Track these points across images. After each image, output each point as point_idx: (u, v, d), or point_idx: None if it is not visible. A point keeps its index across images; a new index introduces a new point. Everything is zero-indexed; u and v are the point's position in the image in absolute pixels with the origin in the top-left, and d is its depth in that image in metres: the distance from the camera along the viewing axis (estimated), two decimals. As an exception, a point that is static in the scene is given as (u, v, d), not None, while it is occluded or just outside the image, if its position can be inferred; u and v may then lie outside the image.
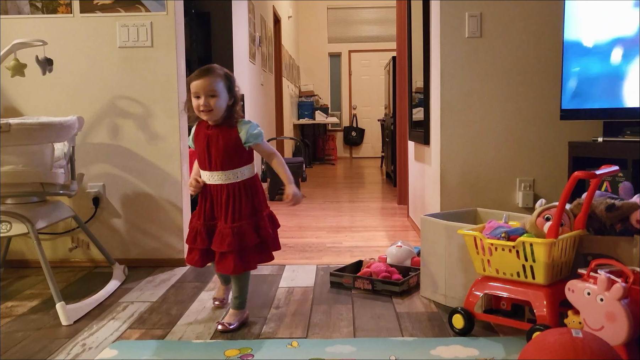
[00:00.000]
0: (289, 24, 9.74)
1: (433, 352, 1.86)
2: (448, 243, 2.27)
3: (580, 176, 1.80)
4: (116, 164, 3.03)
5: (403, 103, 4.62)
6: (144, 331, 2.12)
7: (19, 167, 2.33)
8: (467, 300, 2.03)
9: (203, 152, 2.10)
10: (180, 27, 3.09)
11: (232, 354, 1.87)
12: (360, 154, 11.55)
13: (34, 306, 2.42)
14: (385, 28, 11.11)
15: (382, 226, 4.14)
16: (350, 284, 2.57)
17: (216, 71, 2.07)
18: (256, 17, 6.00)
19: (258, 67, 6.09)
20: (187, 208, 3.14)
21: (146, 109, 3.01)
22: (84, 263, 3.08)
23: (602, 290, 1.62)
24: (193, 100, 2.06)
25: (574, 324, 1.77)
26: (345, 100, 11.59)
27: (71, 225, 3.02)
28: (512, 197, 2.94)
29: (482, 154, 2.92)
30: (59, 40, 2.97)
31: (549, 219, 1.87)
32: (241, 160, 2.10)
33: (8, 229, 2.32)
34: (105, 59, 3.00)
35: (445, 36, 2.89)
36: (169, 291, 2.61)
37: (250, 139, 2.08)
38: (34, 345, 2.00)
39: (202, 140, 2.11)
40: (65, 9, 2.99)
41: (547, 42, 2.86)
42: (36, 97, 3.02)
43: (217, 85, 2.04)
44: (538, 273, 1.86)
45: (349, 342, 1.96)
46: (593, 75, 2.49)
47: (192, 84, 2.05)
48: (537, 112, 2.90)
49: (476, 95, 2.91)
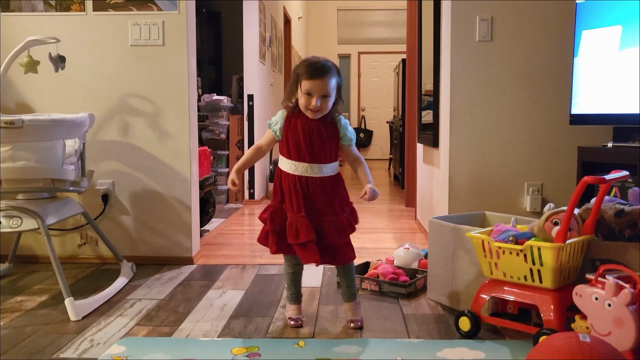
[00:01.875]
0: (299, 24, 9.76)
1: (439, 354, 1.86)
2: (456, 246, 2.28)
3: (589, 181, 1.80)
4: (126, 161, 3.05)
5: (412, 105, 4.61)
6: (152, 328, 2.13)
7: (30, 163, 2.35)
8: (473, 303, 2.03)
9: (303, 143, 2.05)
10: (191, 26, 3.11)
11: (239, 352, 1.88)
12: (368, 156, 11.54)
13: (43, 301, 2.44)
14: (395, 30, 11.10)
15: (389, 228, 4.14)
16: (357, 285, 2.58)
17: (332, 70, 2.02)
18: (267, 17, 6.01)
19: (268, 67, 6.10)
20: (195, 206, 3.16)
21: (156, 107, 3.03)
22: (93, 259, 3.10)
23: (610, 295, 1.62)
24: (303, 97, 2.00)
25: (581, 329, 1.76)
26: (354, 101, 11.59)
27: (80, 222, 3.04)
28: (520, 201, 2.93)
29: (491, 157, 2.92)
30: (72, 37, 2.99)
31: (557, 224, 1.87)
32: (335, 156, 2.12)
33: (19, 224, 2.34)
34: (117, 57, 3.02)
35: (455, 39, 2.89)
36: (177, 289, 2.63)
37: (346, 139, 2.11)
38: (43, 339, 2.01)
39: (301, 131, 2.05)
40: (78, 7, 3.01)
41: (557, 46, 2.85)
42: (48, 94, 3.04)
43: (331, 85, 2.00)
44: (545, 277, 1.86)
45: (356, 342, 1.97)
46: (603, 80, 2.48)
47: (307, 82, 1.98)
48: (547, 117, 2.89)
49: (486, 99, 2.90)
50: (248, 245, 3.56)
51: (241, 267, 3.00)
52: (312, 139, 2.05)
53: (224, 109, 5.36)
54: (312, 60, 2.01)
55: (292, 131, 2.07)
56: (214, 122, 5.29)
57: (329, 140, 2.07)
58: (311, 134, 2.05)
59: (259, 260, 3.11)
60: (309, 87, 1.98)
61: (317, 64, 1.99)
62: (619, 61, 2.41)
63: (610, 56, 2.45)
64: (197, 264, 3.09)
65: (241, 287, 2.64)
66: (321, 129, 2.06)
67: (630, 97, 2.37)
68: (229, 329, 2.12)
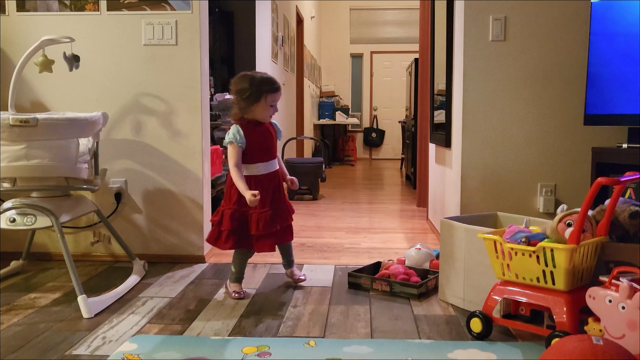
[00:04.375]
0: (312, 24, 9.76)
1: (450, 355, 1.86)
2: (467, 246, 2.27)
3: (603, 182, 1.79)
4: (138, 160, 3.07)
5: (424, 105, 4.60)
6: (163, 326, 2.14)
7: (44, 161, 2.37)
8: (485, 304, 2.02)
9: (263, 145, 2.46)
10: (204, 26, 3.12)
11: (250, 351, 1.89)
12: (380, 156, 11.53)
13: (56, 298, 2.47)
14: (407, 30, 11.08)
15: (401, 228, 4.13)
16: (368, 285, 2.58)
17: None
18: (279, 17, 6.02)
19: (280, 67, 6.11)
20: (207, 205, 3.17)
21: (169, 106, 3.05)
22: (105, 257, 3.12)
23: (624, 298, 1.61)
24: (267, 109, 2.43)
25: (594, 332, 1.75)
26: (366, 101, 11.58)
27: (93, 220, 3.06)
28: (533, 202, 2.91)
29: (504, 157, 2.90)
30: (86, 37, 3.02)
31: (571, 225, 1.86)
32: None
33: (33, 222, 2.37)
34: (131, 56, 3.04)
35: (468, 39, 2.88)
36: (188, 287, 2.64)
37: (280, 135, 2.57)
38: (56, 336, 2.03)
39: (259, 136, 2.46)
40: (92, 6, 3.03)
41: (572, 46, 2.83)
42: (63, 93, 3.07)
43: None
44: (558, 279, 1.85)
45: (366, 342, 1.96)
46: (619, 81, 2.46)
47: (272, 95, 2.42)
48: (561, 117, 2.87)
49: (499, 99, 2.89)
50: (259, 245, 3.57)
51: (252, 266, 3.00)
52: (267, 139, 2.49)
53: (236, 108, 5.36)
54: (265, 77, 2.45)
55: (250, 139, 2.43)
56: (226, 121, 5.29)
57: (274, 138, 2.54)
58: (265, 136, 2.48)
59: (270, 260, 3.11)
60: (275, 99, 2.44)
61: (271, 79, 2.46)
62: (634, 61, 2.38)
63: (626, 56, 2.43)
64: (209, 262, 3.10)
65: (252, 286, 2.64)
66: (270, 130, 2.52)
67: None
68: (240, 327, 2.13)
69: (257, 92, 2.40)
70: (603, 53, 2.50)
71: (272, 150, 2.50)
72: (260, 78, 2.43)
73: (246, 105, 2.42)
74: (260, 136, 2.46)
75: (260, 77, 2.43)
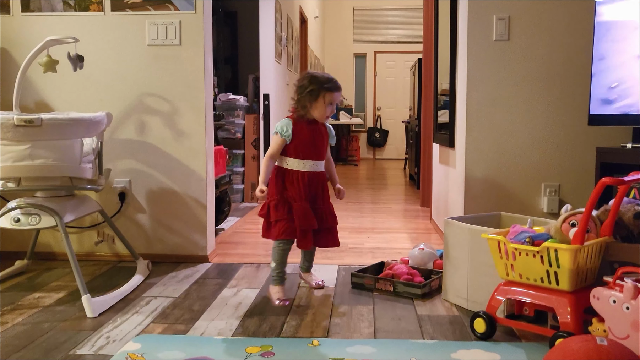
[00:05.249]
0: (315, 24, 9.76)
1: (454, 355, 1.85)
2: (471, 246, 2.26)
3: (607, 182, 1.78)
4: (142, 160, 3.08)
5: (428, 105, 4.60)
6: (167, 326, 2.14)
7: (49, 161, 2.38)
8: (489, 304, 2.02)
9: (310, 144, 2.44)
10: (208, 26, 3.12)
11: (253, 350, 1.89)
12: (384, 156, 11.52)
13: (60, 298, 2.47)
14: (411, 30, 11.06)
15: (404, 228, 4.13)
16: (371, 285, 2.58)
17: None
18: (283, 17, 6.02)
19: (284, 67, 6.11)
20: (211, 205, 3.17)
21: (173, 106, 3.05)
22: (109, 257, 3.13)
23: (629, 298, 1.60)
24: (324, 107, 2.41)
25: (598, 332, 1.74)
26: (370, 101, 11.58)
27: (97, 220, 3.07)
28: (537, 202, 2.91)
29: (508, 157, 2.90)
30: (90, 37, 3.02)
31: (575, 225, 1.85)
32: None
33: (37, 222, 2.37)
34: (135, 56, 3.05)
35: (472, 39, 2.87)
36: (192, 287, 2.64)
37: (333, 139, 2.56)
38: (60, 335, 2.04)
39: (309, 135, 2.44)
40: (96, 7, 3.04)
41: (575, 46, 2.82)
42: (67, 93, 3.08)
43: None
44: (562, 279, 1.84)
45: (370, 342, 1.96)
46: (623, 80, 2.45)
47: (331, 94, 2.41)
48: (565, 117, 2.86)
49: (502, 99, 2.88)
50: (263, 244, 3.57)
51: (256, 265, 3.01)
52: (318, 139, 2.46)
53: (240, 108, 5.38)
54: (327, 76, 2.44)
55: (300, 135, 2.43)
56: (230, 121, 5.31)
57: (325, 140, 2.51)
58: (316, 136, 2.46)
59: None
60: (333, 98, 2.42)
61: (333, 79, 2.45)
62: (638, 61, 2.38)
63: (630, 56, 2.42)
64: (212, 262, 3.11)
65: (256, 286, 2.65)
66: (322, 131, 2.49)
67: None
68: (244, 327, 2.13)
69: (317, 89, 2.40)
70: (606, 52, 2.50)
71: (321, 150, 2.48)
72: (322, 77, 2.44)
73: (305, 102, 2.42)
74: (312, 134, 2.45)
75: (321, 76, 2.45)
